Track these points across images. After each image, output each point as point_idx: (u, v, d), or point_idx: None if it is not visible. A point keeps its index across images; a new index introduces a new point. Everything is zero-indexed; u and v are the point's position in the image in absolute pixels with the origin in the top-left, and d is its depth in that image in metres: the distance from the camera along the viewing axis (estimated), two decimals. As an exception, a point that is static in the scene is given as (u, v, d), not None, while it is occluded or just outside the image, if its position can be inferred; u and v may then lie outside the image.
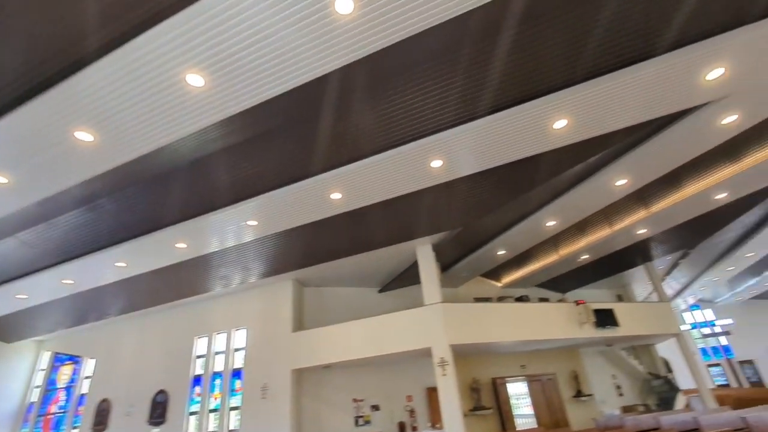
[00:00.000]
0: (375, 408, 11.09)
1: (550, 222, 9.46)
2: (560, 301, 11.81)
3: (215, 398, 11.09)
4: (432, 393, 10.79)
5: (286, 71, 4.35)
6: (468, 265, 12.17)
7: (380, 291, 13.34)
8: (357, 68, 4.52)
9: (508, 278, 14.45)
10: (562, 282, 14.85)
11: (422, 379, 11.52)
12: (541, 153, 6.42)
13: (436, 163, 6.34)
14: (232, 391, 10.96)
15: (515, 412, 11.99)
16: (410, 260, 10.89)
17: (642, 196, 8.84)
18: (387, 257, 10.70)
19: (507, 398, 11.96)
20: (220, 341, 11.75)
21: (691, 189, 8.70)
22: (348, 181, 6.69)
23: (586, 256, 12.38)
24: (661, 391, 14.19)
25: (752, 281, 19.30)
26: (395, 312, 9.89)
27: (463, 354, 11.54)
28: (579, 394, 13.10)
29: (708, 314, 24.62)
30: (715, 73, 4.98)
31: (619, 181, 7.73)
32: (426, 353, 9.14)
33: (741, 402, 13.05)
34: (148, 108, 4.54)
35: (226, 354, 11.43)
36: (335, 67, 4.38)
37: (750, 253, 14.27)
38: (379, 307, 12.17)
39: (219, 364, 11.46)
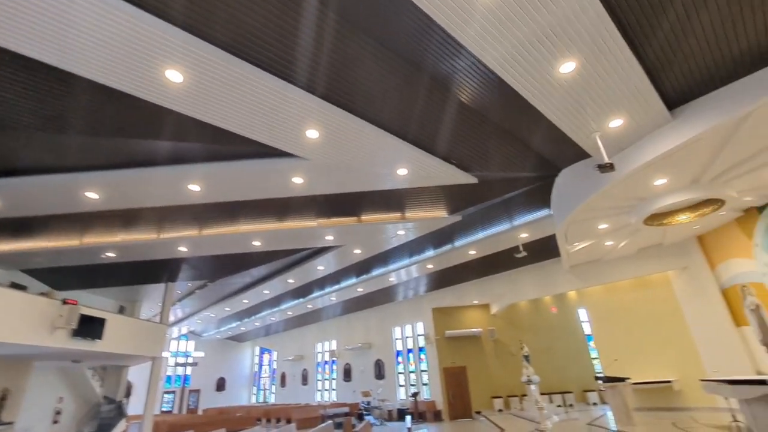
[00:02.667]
0: None
1: (91, 193, 7.37)
2: (43, 294, 9.00)
3: None
4: None
5: None
6: None
7: None
8: None
9: (-19, 246, 9.82)
10: (67, 277, 11.82)
11: None
12: (148, 102, 4.97)
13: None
14: None
15: None
16: None
17: (204, 214, 8.75)
18: None
19: None
20: None
21: (242, 227, 9.57)
22: None
23: (112, 254, 10.53)
24: (107, 417, 13.08)
25: (234, 324, 23.48)
26: None
27: None
28: (-6, 421, 9.69)
29: (190, 345, 27.27)
30: (312, 133, 5.82)
31: (193, 185, 7.26)
32: None
33: (173, 427, 14.12)
34: None
35: None
36: None
37: (246, 300, 17.37)
38: None
39: None
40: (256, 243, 10.30)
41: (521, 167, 7.76)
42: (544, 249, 12.21)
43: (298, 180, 7.26)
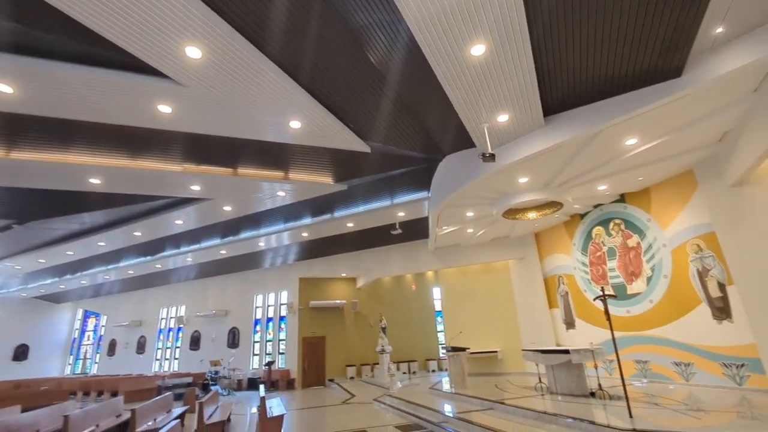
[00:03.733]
0: None
1: None
2: None
3: None
4: None
5: None
6: None
7: None
8: None
9: None
10: None
11: None
12: None
13: None
14: None
15: None
16: None
17: (18, 129, 6.59)
18: None
19: None
20: None
21: (77, 156, 7.57)
22: None
23: None
24: None
25: (50, 280, 19.14)
26: None
27: None
28: None
29: (-23, 304, 21.28)
30: (193, 51, 4.78)
31: (2, 85, 5.33)
32: None
33: (-61, 406, 10.80)
34: None
35: None
36: None
37: (71, 252, 14.18)
38: None
39: None
40: (95, 181, 8.31)
41: (413, 145, 7.92)
42: (414, 230, 12.99)
43: (165, 109, 5.98)
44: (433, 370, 17.45)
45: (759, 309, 6.94)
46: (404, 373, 16.85)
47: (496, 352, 12.95)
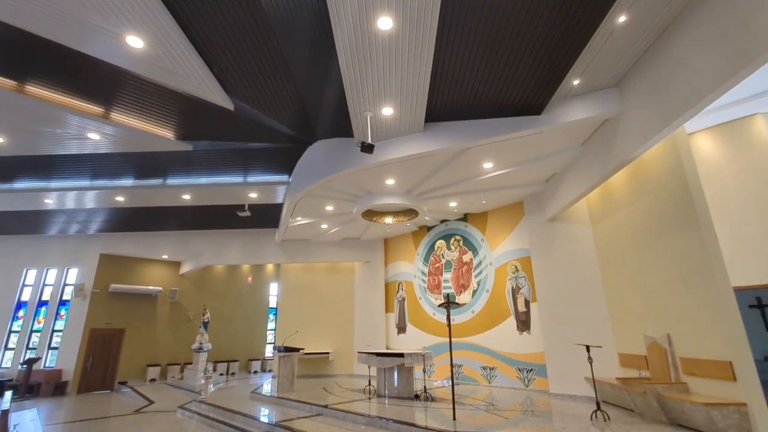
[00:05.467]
0: None
1: None
2: None
3: None
4: None
5: None
6: None
7: None
8: None
9: None
10: None
11: None
12: None
13: None
14: None
15: None
16: None
17: None
18: None
19: None
20: None
21: None
22: None
23: None
24: None
25: None
26: None
27: None
28: None
29: None
30: None
31: None
32: None
33: None
34: None
35: None
36: None
37: None
38: None
39: None
40: None
41: (285, 118, 6.98)
42: (263, 216, 11.77)
43: None
44: (256, 371, 16.10)
45: (548, 323, 8.44)
46: (221, 374, 15.00)
47: (328, 353, 12.65)
